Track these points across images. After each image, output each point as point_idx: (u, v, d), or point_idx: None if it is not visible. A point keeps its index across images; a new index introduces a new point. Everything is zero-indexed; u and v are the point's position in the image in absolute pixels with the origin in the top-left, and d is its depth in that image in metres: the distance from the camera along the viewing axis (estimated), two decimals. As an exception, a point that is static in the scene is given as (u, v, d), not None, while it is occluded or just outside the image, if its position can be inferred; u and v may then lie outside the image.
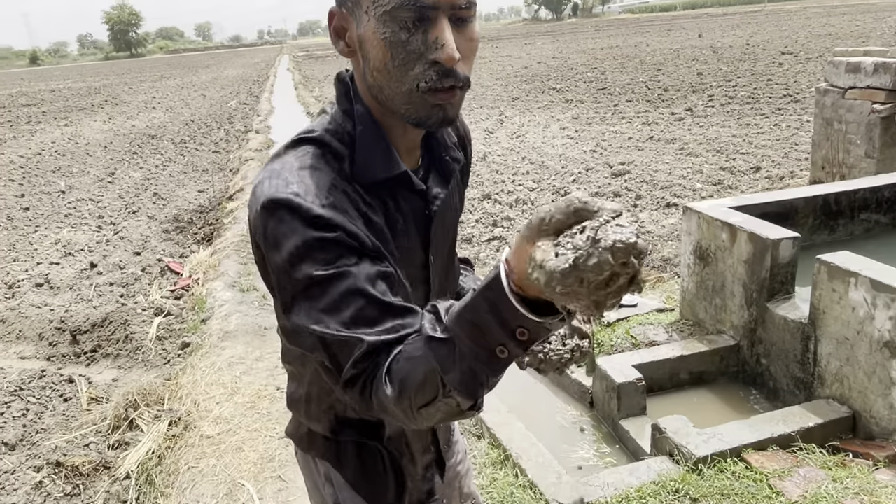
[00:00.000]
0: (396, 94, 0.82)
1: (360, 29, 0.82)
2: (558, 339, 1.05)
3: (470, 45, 0.84)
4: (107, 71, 54.88)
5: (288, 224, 0.77)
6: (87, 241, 6.24)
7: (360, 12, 0.81)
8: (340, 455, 1.08)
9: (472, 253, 5.24)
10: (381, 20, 0.78)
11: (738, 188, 6.23)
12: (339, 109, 0.90)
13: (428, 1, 0.76)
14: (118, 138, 13.42)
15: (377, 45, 0.80)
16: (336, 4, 0.85)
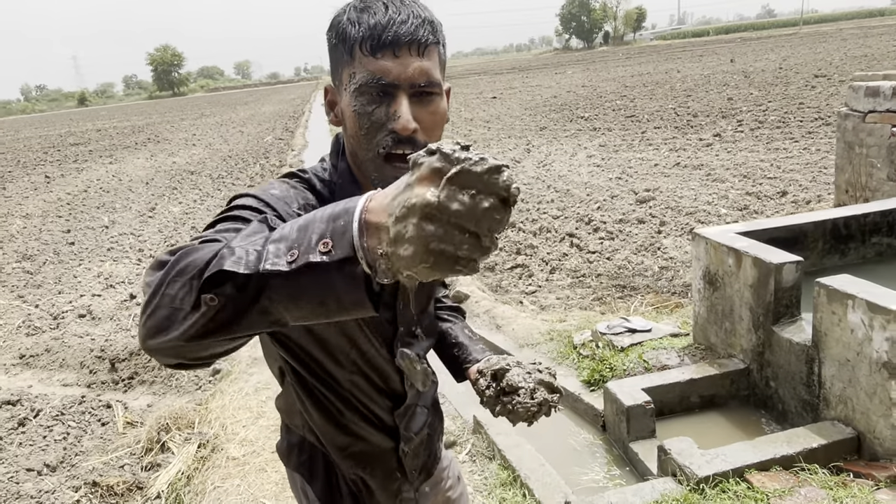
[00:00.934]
0: (366, 160, 0.94)
1: (342, 102, 0.96)
2: (527, 393, 1.12)
3: (433, 118, 0.95)
4: (150, 110, 57.10)
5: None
6: (128, 274, 6.54)
7: (342, 88, 0.95)
8: (312, 468, 1.14)
9: (494, 281, 5.33)
10: (353, 95, 0.92)
11: (763, 213, 6.22)
12: (329, 162, 1.03)
13: (388, 79, 0.89)
14: (159, 175, 13.98)
15: (350, 115, 0.93)
16: (331, 81, 1.00)
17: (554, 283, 5.12)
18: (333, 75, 0.98)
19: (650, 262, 5.33)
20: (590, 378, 3.15)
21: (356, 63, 0.92)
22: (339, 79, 0.96)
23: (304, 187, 0.98)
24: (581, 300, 4.66)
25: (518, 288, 5.07)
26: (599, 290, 4.83)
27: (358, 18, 0.91)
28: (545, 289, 5.01)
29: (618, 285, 4.89)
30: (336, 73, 0.97)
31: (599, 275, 5.15)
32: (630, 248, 5.73)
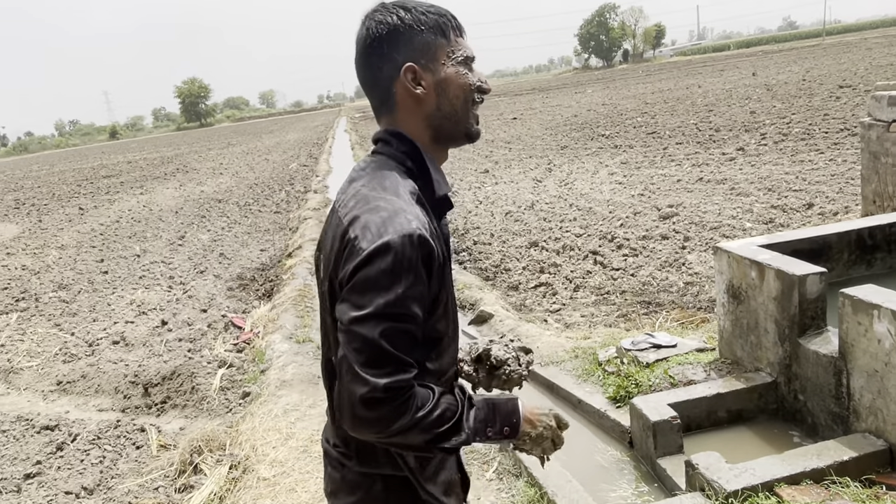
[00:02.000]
0: (465, 112, 1.24)
1: (441, 74, 1.20)
2: (514, 360, 1.30)
3: None
4: (178, 141, 58.45)
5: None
6: (159, 301, 6.69)
7: (438, 65, 1.20)
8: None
9: (518, 299, 5.35)
10: (459, 65, 1.22)
11: (789, 226, 6.16)
12: (401, 147, 1.22)
13: (472, 54, 1.25)
14: (188, 204, 14.30)
15: (457, 79, 1.22)
16: (412, 63, 1.19)
17: (578, 300, 5.12)
18: (419, 57, 1.19)
19: (675, 277, 5.31)
20: (615, 394, 3.15)
21: (452, 43, 1.22)
22: (432, 58, 1.20)
23: (407, 177, 1.20)
24: (605, 317, 4.65)
25: (542, 306, 5.09)
26: (624, 306, 4.82)
27: (438, 12, 1.21)
28: (569, 307, 5.01)
29: (642, 302, 4.88)
30: (426, 55, 1.19)
31: (624, 292, 5.14)
32: (654, 265, 5.71)
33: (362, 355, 1.02)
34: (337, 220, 1.15)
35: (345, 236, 1.09)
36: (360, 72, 1.25)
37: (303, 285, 6.08)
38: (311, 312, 5.45)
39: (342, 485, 1.25)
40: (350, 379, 1.03)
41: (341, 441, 1.23)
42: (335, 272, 1.11)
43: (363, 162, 1.25)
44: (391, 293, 1.03)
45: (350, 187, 1.20)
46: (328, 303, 1.16)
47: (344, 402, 1.05)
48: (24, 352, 5.65)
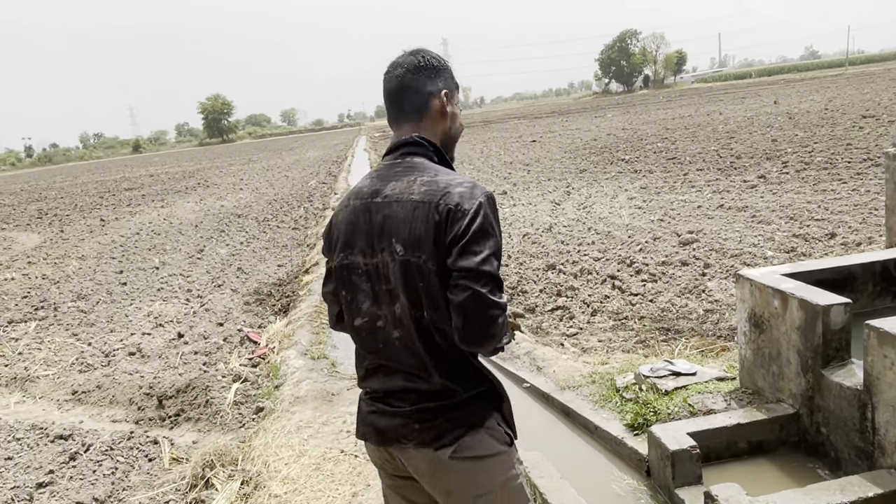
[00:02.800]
0: (456, 141, 1.66)
1: (454, 109, 1.63)
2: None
3: None
4: (200, 156, 59.30)
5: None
6: (176, 313, 6.73)
7: (453, 102, 1.62)
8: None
9: (535, 322, 5.31)
10: (458, 109, 1.64)
11: (811, 255, 6.08)
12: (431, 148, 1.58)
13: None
14: (208, 218, 14.46)
15: (459, 118, 1.65)
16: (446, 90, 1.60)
17: (595, 325, 5.07)
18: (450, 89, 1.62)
19: (694, 304, 5.25)
20: (633, 422, 3.10)
21: (458, 93, 1.66)
22: (452, 96, 1.62)
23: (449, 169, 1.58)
24: (623, 343, 4.60)
25: (559, 330, 5.04)
26: (642, 332, 4.76)
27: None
28: (587, 331, 4.96)
29: (661, 328, 4.82)
30: (451, 91, 1.62)
31: (642, 317, 5.09)
32: (673, 291, 5.65)
33: (488, 286, 1.35)
34: (415, 205, 1.45)
35: (440, 210, 1.41)
36: (403, 82, 1.57)
37: (318, 301, 6.08)
38: (326, 329, 5.45)
39: (445, 424, 1.49)
40: (486, 306, 1.35)
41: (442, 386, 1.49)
42: (436, 240, 1.41)
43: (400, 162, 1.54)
44: (494, 238, 1.41)
45: (405, 179, 1.49)
46: (421, 272, 1.43)
47: (479, 326, 1.37)
48: (41, 360, 5.71)
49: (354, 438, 3.42)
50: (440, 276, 1.41)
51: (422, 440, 1.50)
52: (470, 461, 1.50)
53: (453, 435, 1.49)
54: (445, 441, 1.48)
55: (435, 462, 1.50)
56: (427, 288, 1.43)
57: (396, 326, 1.49)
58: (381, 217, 1.49)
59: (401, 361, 1.51)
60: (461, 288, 1.37)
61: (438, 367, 1.48)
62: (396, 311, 1.49)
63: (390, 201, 1.48)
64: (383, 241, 1.48)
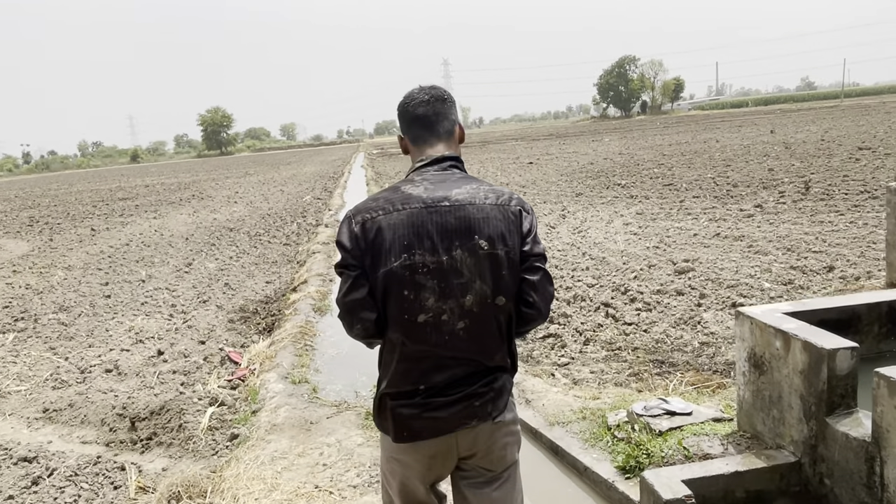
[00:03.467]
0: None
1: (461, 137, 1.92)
2: None
3: None
4: (197, 168, 59.22)
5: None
6: (158, 329, 6.55)
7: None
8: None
9: (525, 350, 5.16)
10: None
11: (808, 289, 5.95)
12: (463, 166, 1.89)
13: None
14: (199, 231, 14.29)
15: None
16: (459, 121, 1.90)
17: (588, 355, 4.91)
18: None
19: (689, 336, 5.10)
20: (625, 464, 2.93)
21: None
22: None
23: None
24: (616, 374, 4.44)
25: (550, 359, 4.89)
26: (636, 364, 4.61)
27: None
28: (578, 361, 4.81)
29: (655, 360, 4.67)
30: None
31: (636, 348, 4.94)
32: (668, 321, 5.51)
33: (547, 264, 1.80)
34: (492, 208, 1.72)
35: (513, 210, 1.75)
36: (434, 109, 1.83)
37: (304, 321, 5.92)
38: (310, 351, 5.28)
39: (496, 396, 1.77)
40: (551, 282, 1.77)
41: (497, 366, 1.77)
42: (513, 237, 1.73)
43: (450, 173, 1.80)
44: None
45: (468, 187, 1.75)
46: (506, 261, 1.71)
47: (548, 299, 1.77)
48: (14, 375, 5.51)
49: (330, 473, 3.25)
50: (519, 263, 1.74)
51: (484, 414, 1.74)
52: (510, 424, 1.84)
53: (502, 404, 1.78)
54: (497, 410, 1.76)
55: (490, 430, 1.78)
56: (510, 275, 1.72)
57: (463, 318, 1.69)
58: (453, 218, 1.69)
59: (464, 350, 1.70)
60: (537, 269, 1.75)
61: (500, 348, 1.76)
62: (466, 302, 1.68)
63: (463, 204, 1.71)
64: (460, 239, 1.68)
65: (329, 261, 9.16)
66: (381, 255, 1.67)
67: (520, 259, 1.73)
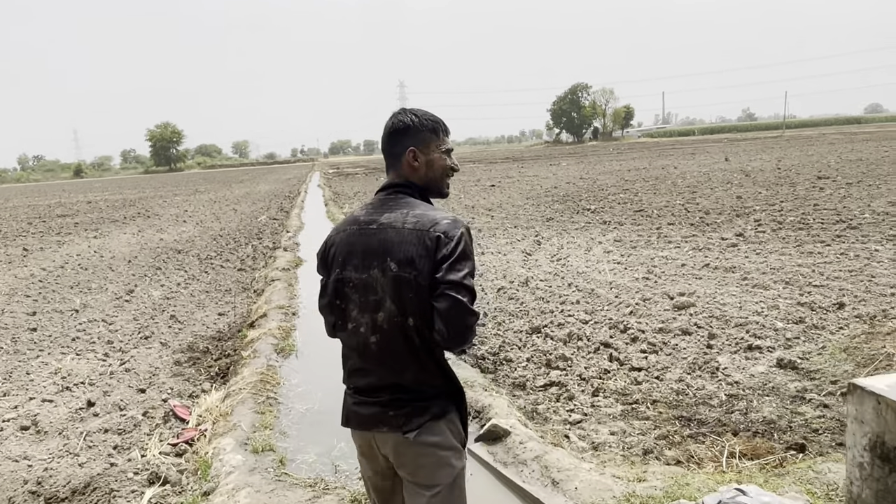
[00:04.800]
0: (441, 180, 2.05)
1: (429, 157, 2.01)
2: None
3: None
4: (144, 184, 56.92)
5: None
6: (90, 373, 5.59)
7: (430, 151, 2.01)
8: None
9: (528, 403, 4.45)
10: (443, 153, 2.04)
11: (825, 328, 5.46)
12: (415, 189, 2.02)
13: (451, 148, 2.07)
14: (144, 252, 13.17)
15: (440, 161, 2.03)
16: (413, 147, 1.99)
17: (601, 410, 4.24)
18: (418, 144, 2.00)
19: (711, 386, 4.50)
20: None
21: (441, 139, 2.03)
22: (426, 146, 2.01)
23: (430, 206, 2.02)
24: (641, 436, 3.78)
25: (559, 415, 4.19)
26: (660, 422, 3.97)
27: (434, 120, 2.02)
28: (592, 418, 4.13)
29: (681, 417, 4.04)
30: (422, 144, 2.00)
31: (655, 401, 4.30)
32: (681, 367, 4.91)
33: (468, 297, 1.78)
34: (409, 232, 1.85)
35: (431, 236, 1.83)
36: (385, 145, 2.05)
37: (265, 367, 5.07)
38: (275, 406, 4.45)
39: (413, 413, 1.88)
40: (465, 312, 1.77)
41: (413, 383, 1.89)
42: (423, 262, 1.81)
43: (393, 197, 1.98)
44: (471, 260, 1.85)
45: (399, 211, 1.92)
46: (412, 285, 1.82)
47: (458, 329, 1.77)
48: None
49: None
50: (429, 289, 1.81)
51: (394, 425, 1.87)
52: (430, 446, 1.88)
53: (418, 421, 1.86)
54: (412, 426, 1.86)
55: (403, 444, 1.88)
56: (417, 298, 1.82)
57: (374, 332, 1.88)
58: (376, 240, 1.88)
59: (375, 362, 1.89)
60: (446, 297, 1.77)
61: (413, 366, 1.87)
62: (378, 318, 1.87)
63: (385, 227, 1.88)
64: (377, 259, 1.87)
65: (290, 290, 8.30)
66: (330, 267, 1.99)
67: (431, 284, 1.80)
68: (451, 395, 1.95)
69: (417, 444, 1.87)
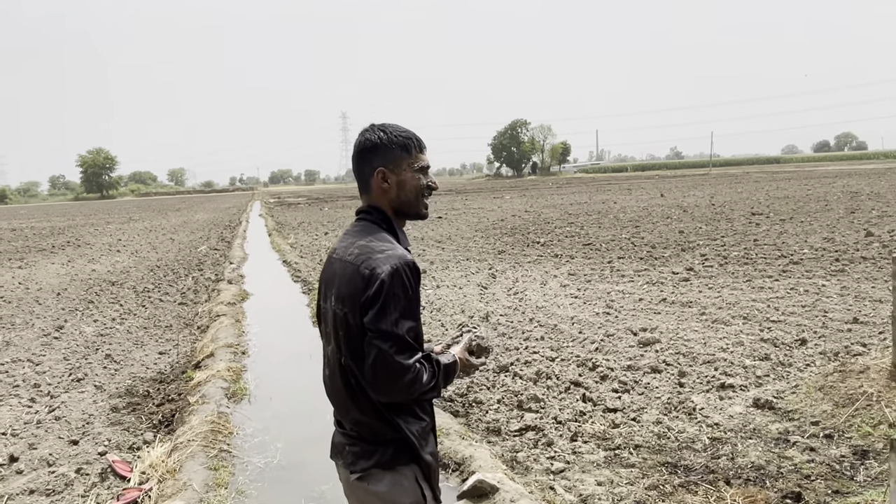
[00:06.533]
0: (416, 201, 1.89)
1: (401, 176, 1.86)
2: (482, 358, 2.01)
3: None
4: (74, 211, 54.30)
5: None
6: (13, 422, 5.00)
7: (400, 170, 1.85)
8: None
9: (506, 450, 4.19)
10: (414, 172, 1.87)
11: (792, 365, 5.46)
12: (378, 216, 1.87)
13: (426, 165, 1.91)
14: (74, 284, 12.31)
15: (412, 182, 1.87)
16: (382, 167, 1.84)
17: (584, 457, 4.03)
18: (388, 163, 1.84)
19: (692, 428, 4.37)
20: None
21: (413, 156, 1.87)
22: (397, 165, 1.85)
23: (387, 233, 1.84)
24: (630, 487, 3.58)
25: (540, 464, 3.95)
26: (647, 470, 3.78)
27: (406, 135, 1.87)
28: (576, 466, 3.91)
29: (667, 463, 3.87)
30: (392, 162, 1.85)
31: (638, 446, 4.12)
32: (657, 407, 4.77)
33: (394, 347, 1.63)
34: (347, 265, 1.77)
35: (361, 273, 1.69)
36: (354, 166, 1.91)
37: (215, 414, 4.63)
38: (229, 460, 4.03)
39: (360, 454, 1.79)
40: (389, 365, 1.62)
41: (354, 423, 1.81)
42: (354, 299, 1.70)
43: (355, 225, 1.89)
44: (405, 301, 1.67)
45: (349, 241, 1.84)
46: (344, 323, 1.74)
47: (384, 383, 1.65)
48: None
49: None
50: (360, 330, 1.69)
51: (345, 461, 1.85)
52: (372, 495, 1.79)
53: (363, 465, 1.79)
54: (357, 468, 1.80)
55: (350, 483, 1.84)
56: (347, 338, 1.74)
57: (328, 365, 1.88)
58: (331, 271, 1.86)
59: (332, 395, 1.88)
60: (372, 346, 1.65)
61: (354, 406, 1.79)
62: (329, 352, 1.86)
63: (337, 258, 1.85)
64: (330, 290, 1.83)
65: (238, 326, 7.81)
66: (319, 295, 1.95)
67: (362, 328, 1.69)
68: (401, 448, 1.78)
69: (361, 488, 1.80)
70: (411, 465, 1.79)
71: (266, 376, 5.91)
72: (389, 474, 1.77)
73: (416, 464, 1.80)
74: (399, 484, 1.77)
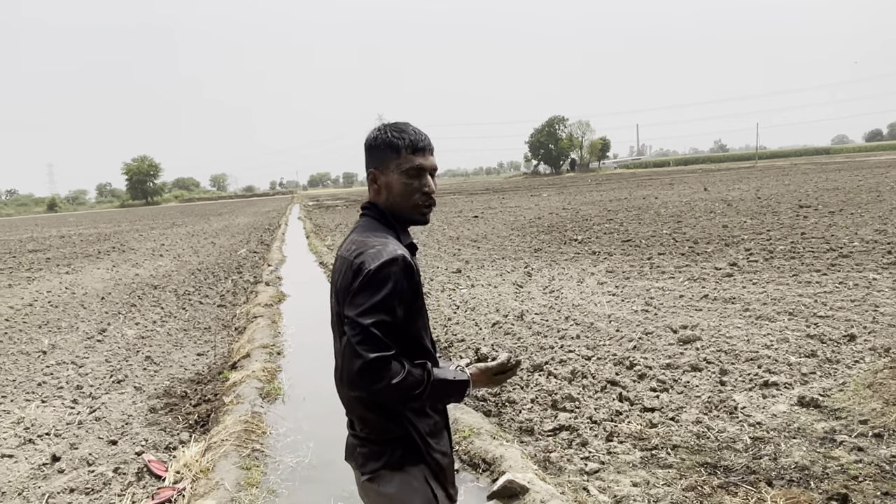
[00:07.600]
0: (405, 205, 1.84)
1: (388, 178, 1.83)
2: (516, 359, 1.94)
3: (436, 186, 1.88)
4: (120, 218, 56.03)
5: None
6: (56, 422, 5.14)
7: (388, 171, 1.82)
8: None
9: (539, 450, 4.10)
10: (402, 174, 1.81)
11: (839, 362, 5.22)
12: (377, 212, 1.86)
13: (421, 166, 1.82)
14: (118, 288, 12.65)
15: (398, 184, 1.82)
16: (372, 168, 1.85)
17: (619, 457, 3.92)
18: (377, 164, 1.84)
19: (733, 428, 4.20)
20: None
21: (402, 157, 1.81)
22: (385, 166, 1.83)
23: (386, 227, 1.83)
24: (667, 488, 3.46)
25: (574, 464, 3.86)
26: (685, 471, 3.65)
27: (398, 136, 1.81)
28: (611, 466, 3.80)
29: (706, 464, 3.73)
30: (380, 164, 1.83)
31: (675, 446, 3.99)
32: (696, 406, 4.61)
33: (359, 336, 1.58)
34: (343, 260, 1.77)
35: (353, 266, 1.69)
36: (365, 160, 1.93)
37: (249, 414, 4.66)
38: (261, 460, 4.05)
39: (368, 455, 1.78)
40: (352, 354, 1.58)
41: (361, 421, 1.79)
42: (346, 292, 1.69)
43: (358, 222, 1.88)
44: (385, 292, 1.63)
45: (350, 238, 1.83)
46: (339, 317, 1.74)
47: (346, 372, 1.60)
48: None
49: None
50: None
51: (356, 463, 1.83)
52: (383, 496, 1.77)
53: (372, 466, 1.77)
54: (367, 469, 1.78)
55: (362, 484, 1.83)
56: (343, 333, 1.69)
57: (336, 361, 1.80)
58: (335, 268, 1.85)
59: (340, 391, 1.82)
60: (344, 334, 1.64)
61: (358, 406, 1.78)
62: (336, 348, 1.80)
63: (339, 255, 1.84)
64: (333, 288, 1.83)
65: (274, 327, 7.89)
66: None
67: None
68: (407, 448, 1.76)
69: (372, 490, 1.78)
70: (420, 465, 1.77)
71: (300, 376, 5.95)
72: (398, 475, 1.75)
73: (425, 464, 1.78)
74: (408, 485, 1.75)
